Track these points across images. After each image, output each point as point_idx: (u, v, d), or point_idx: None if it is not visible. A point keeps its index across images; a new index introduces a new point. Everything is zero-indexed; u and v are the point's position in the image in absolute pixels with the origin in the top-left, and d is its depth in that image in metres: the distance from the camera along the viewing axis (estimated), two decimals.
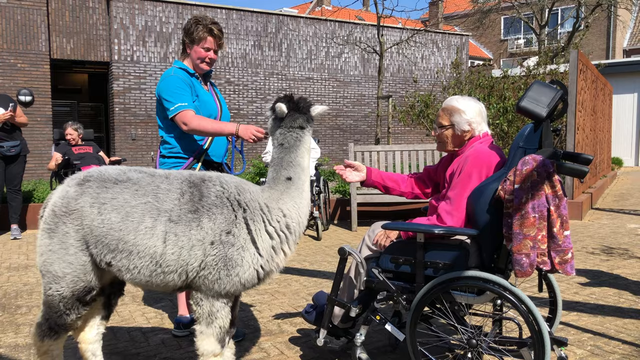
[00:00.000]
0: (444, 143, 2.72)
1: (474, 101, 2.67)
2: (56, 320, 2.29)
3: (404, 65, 16.71)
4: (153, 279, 2.19)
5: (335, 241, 6.35)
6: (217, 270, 2.15)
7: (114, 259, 2.18)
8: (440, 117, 2.71)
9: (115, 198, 2.18)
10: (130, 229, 2.14)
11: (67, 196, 2.22)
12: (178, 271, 2.16)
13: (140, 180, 2.24)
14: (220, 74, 13.97)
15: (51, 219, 2.23)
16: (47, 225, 2.23)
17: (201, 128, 2.91)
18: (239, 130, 2.87)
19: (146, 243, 2.13)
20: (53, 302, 2.27)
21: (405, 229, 2.54)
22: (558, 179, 2.26)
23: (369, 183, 2.95)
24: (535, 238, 2.22)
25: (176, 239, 2.13)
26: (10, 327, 3.49)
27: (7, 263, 5.31)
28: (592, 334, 3.24)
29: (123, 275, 2.22)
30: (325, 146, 15.12)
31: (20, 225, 6.72)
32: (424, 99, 10.15)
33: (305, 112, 2.32)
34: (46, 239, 2.23)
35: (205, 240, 2.14)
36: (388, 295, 2.54)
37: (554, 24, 25.04)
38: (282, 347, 3.10)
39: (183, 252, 2.13)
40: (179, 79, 3.00)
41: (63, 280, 2.23)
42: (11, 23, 11.33)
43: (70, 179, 2.34)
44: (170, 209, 2.16)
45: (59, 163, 6.63)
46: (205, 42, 3.05)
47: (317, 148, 6.91)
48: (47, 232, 2.23)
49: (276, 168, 2.32)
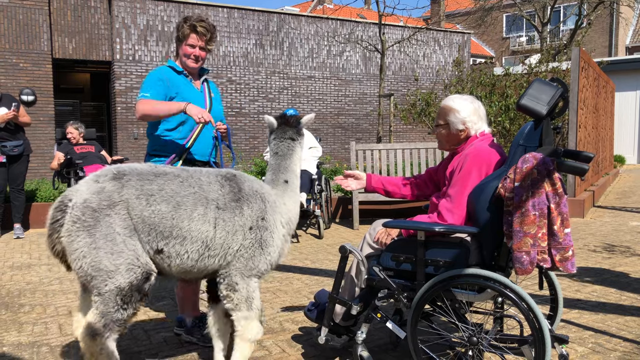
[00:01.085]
0: (441, 142, 2.76)
1: (469, 101, 2.68)
2: (112, 317, 2.28)
3: (405, 64, 16.69)
4: (198, 263, 2.37)
5: (337, 239, 6.36)
6: (253, 251, 2.43)
7: (166, 245, 2.30)
8: (438, 117, 2.74)
9: (162, 189, 2.33)
10: (184, 216, 2.31)
11: (105, 191, 2.26)
12: (220, 254, 2.38)
13: (180, 173, 2.42)
14: (222, 72, 13.98)
15: (89, 215, 2.21)
16: (84, 224, 2.21)
17: (150, 112, 2.93)
18: (187, 109, 2.90)
19: (199, 228, 2.32)
20: (110, 298, 2.25)
21: (406, 227, 2.54)
22: (558, 177, 2.26)
23: (369, 189, 3.02)
24: (536, 236, 2.23)
25: (224, 224, 2.37)
26: (13, 325, 3.51)
27: (10, 262, 5.34)
28: (594, 331, 3.24)
29: (171, 261, 2.34)
30: (327, 145, 15.12)
31: (23, 224, 6.74)
32: (426, 97, 10.15)
33: (295, 125, 2.66)
34: (86, 238, 2.21)
35: (245, 225, 2.41)
36: (389, 293, 2.55)
37: (556, 22, 24.98)
38: (284, 345, 3.11)
39: (228, 237, 2.37)
40: (154, 74, 3.04)
41: (117, 273, 2.23)
42: (13, 23, 11.36)
43: (96, 176, 2.34)
44: (217, 198, 2.39)
45: (61, 162, 6.65)
46: (189, 39, 3.06)
47: (319, 147, 6.91)
48: (86, 230, 2.21)
49: (275, 172, 2.64)
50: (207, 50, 3.15)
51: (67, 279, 4.68)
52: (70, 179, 6.65)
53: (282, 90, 14.84)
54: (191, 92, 3.12)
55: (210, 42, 3.13)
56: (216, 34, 3.17)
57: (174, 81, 3.07)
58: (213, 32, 3.12)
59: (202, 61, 3.16)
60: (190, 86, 3.15)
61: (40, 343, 3.20)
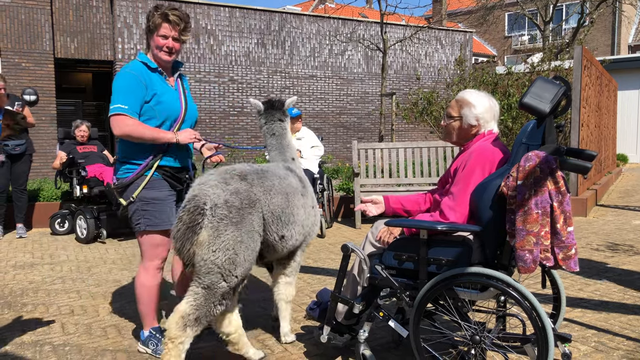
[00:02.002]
0: (450, 134, 2.70)
1: (487, 97, 2.64)
2: (207, 312, 2.44)
3: (407, 63, 16.67)
4: (295, 243, 2.86)
5: (339, 239, 6.35)
6: (312, 227, 2.99)
7: (287, 231, 2.74)
8: (450, 108, 2.69)
9: (274, 184, 2.70)
10: (293, 205, 2.77)
11: (241, 191, 2.51)
12: (302, 232, 2.89)
13: (267, 169, 2.79)
14: (224, 72, 13.98)
15: (235, 213, 2.45)
16: (232, 220, 2.43)
17: (133, 134, 2.73)
18: (179, 139, 2.81)
19: (299, 213, 2.82)
20: (216, 293, 2.44)
21: (408, 226, 2.54)
22: (561, 175, 2.25)
23: (389, 211, 2.93)
24: (538, 234, 2.22)
25: (305, 207, 2.89)
26: (16, 324, 3.51)
27: (13, 261, 5.35)
28: (597, 330, 3.23)
29: (288, 243, 2.78)
30: (329, 144, 15.11)
31: (25, 224, 6.75)
32: (427, 96, 10.14)
33: (280, 107, 3.08)
34: (234, 232, 2.43)
35: (309, 205, 2.94)
36: (391, 292, 2.54)
37: (558, 20, 24.92)
38: (286, 344, 3.11)
39: (308, 217, 2.91)
40: (132, 76, 2.77)
41: (241, 268, 2.48)
42: (15, 22, 11.37)
43: (222, 178, 2.52)
44: (297, 186, 2.87)
45: (64, 162, 6.65)
46: (160, 29, 2.80)
47: (321, 146, 6.91)
48: (234, 225, 2.43)
49: (280, 152, 3.09)
50: (182, 42, 2.90)
51: (70, 278, 4.69)
52: (72, 179, 6.66)
53: (283, 90, 14.84)
54: (167, 93, 2.88)
55: (185, 32, 2.87)
56: (190, 23, 2.91)
57: (151, 82, 2.83)
58: (187, 20, 2.87)
59: (176, 54, 2.90)
60: (164, 85, 2.90)
61: (43, 342, 3.20)
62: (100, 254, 5.71)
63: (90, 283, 4.52)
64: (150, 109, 2.81)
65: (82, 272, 4.91)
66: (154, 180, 2.86)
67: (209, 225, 2.39)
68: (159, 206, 2.86)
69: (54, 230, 6.73)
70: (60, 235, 6.72)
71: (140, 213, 2.85)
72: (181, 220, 2.42)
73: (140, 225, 2.86)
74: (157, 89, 2.83)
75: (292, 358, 2.91)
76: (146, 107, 2.81)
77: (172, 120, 2.90)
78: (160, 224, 2.86)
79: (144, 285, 2.91)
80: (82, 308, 3.84)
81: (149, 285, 2.91)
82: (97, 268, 5.05)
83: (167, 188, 2.91)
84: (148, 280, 2.91)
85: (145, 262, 2.92)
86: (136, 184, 2.85)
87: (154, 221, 2.86)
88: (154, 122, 2.84)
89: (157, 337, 2.98)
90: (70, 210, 6.74)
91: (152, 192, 2.85)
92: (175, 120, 2.91)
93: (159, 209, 2.86)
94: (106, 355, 2.99)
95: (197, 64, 13.67)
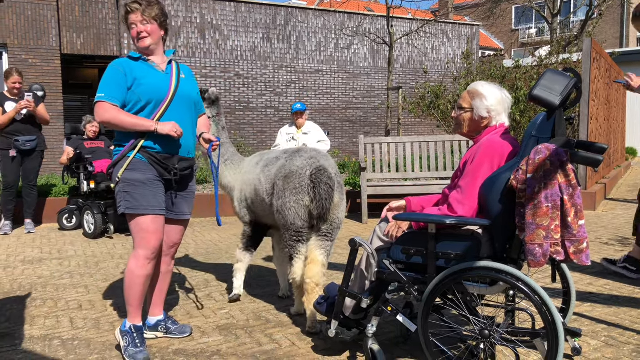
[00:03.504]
0: (461, 125, 2.67)
1: (498, 89, 2.61)
2: None
3: (414, 56, 16.59)
4: None
5: (345, 233, 6.34)
6: None
7: None
8: (462, 99, 2.66)
9: None
10: None
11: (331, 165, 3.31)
12: None
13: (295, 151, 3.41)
14: (230, 67, 13.97)
15: (341, 181, 3.31)
16: (342, 185, 3.30)
17: (112, 121, 2.78)
18: (158, 129, 2.79)
19: None
20: (333, 245, 3.39)
21: (416, 220, 2.52)
22: (572, 168, 2.23)
23: None
24: (549, 228, 2.20)
25: None
26: (25, 319, 3.53)
27: (22, 256, 5.38)
28: (607, 324, 3.21)
29: None
30: (335, 139, 15.09)
31: (34, 219, 6.79)
32: (435, 89, 10.08)
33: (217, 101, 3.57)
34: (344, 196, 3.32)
35: None
36: (399, 287, 2.53)
37: (566, 13, 24.70)
38: (294, 338, 3.11)
39: None
40: (113, 68, 2.85)
41: None
42: (22, 19, 11.40)
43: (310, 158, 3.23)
44: None
45: (71, 157, 6.68)
46: (128, 21, 2.88)
47: (327, 140, 6.88)
48: (342, 190, 3.31)
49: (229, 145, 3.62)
50: (152, 21, 2.88)
51: (78, 273, 4.71)
52: (79, 174, 6.68)
53: (289, 84, 14.81)
54: (152, 76, 2.90)
55: (148, 9, 2.85)
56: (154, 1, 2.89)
57: (131, 69, 2.86)
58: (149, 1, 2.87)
59: (152, 37, 2.89)
60: (151, 70, 2.92)
61: (52, 336, 3.22)
62: (108, 249, 5.73)
63: (98, 278, 4.53)
64: (132, 93, 2.85)
65: (90, 267, 4.93)
66: (136, 161, 2.84)
67: (338, 190, 3.19)
68: (141, 189, 2.81)
69: (62, 225, 6.76)
70: (68, 231, 6.75)
71: (122, 195, 2.83)
72: (323, 183, 3.08)
73: (121, 207, 2.84)
74: (136, 74, 2.86)
75: (300, 352, 2.91)
76: (129, 93, 2.85)
77: (157, 101, 2.88)
78: (140, 208, 2.81)
79: (132, 272, 2.85)
80: (90, 303, 3.86)
81: (138, 274, 2.84)
82: (105, 263, 5.07)
83: (152, 172, 2.86)
84: (137, 269, 2.84)
85: (136, 250, 2.87)
86: (120, 165, 2.86)
87: (134, 204, 2.81)
88: (139, 105, 2.87)
89: (133, 336, 2.86)
90: (78, 205, 6.76)
91: (134, 173, 2.82)
92: (161, 101, 2.88)
93: (140, 192, 2.81)
94: (114, 350, 2.99)
95: (203, 59, 13.66)
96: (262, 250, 5.45)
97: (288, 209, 3.15)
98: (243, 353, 2.91)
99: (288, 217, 3.17)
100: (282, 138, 6.80)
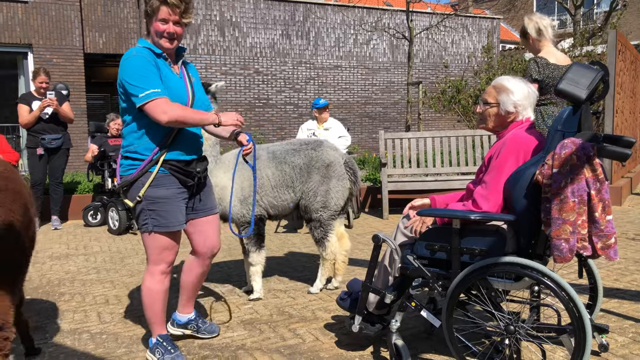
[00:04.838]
0: (486, 120, 2.63)
1: (524, 83, 2.58)
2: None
3: (433, 51, 16.46)
4: None
5: (366, 229, 6.34)
6: None
7: None
8: (487, 94, 2.63)
9: None
10: None
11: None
12: None
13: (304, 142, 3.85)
14: (249, 64, 14.03)
15: None
16: None
17: (183, 119, 2.51)
18: (222, 121, 2.62)
19: None
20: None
21: (441, 215, 2.51)
22: (599, 163, 2.19)
23: None
24: (575, 223, 2.17)
25: None
26: (54, 313, 3.62)
27: (49, 252, 5.50)
28: (634, 321, 3.16)
29: None
30: (355, 134, 15.06)
31: (60, 216, 6.93)
32: (456, 84, 9.99)
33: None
34: None
35: None
36: (423, 282, 2.53)
37: (589, 4, 24.19)
38: (317, 333, 3.13)
39: None
40: (144, 59, 2.55)
41: None
42: (46, 19, 11.61)
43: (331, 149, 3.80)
44: None
45: (95, 155, 6.79)
46: (159, 13, 2.55)
47: (348, 136, 6.89)
48: None
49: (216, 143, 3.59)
50: (184, 26, 2.63)
51: (104, 268, 4.80)
52: (104, 171, 6.80)
53: (308, 81, 14.83)
54: (172, 79, 2.65)
55: (186, 14, 2.60)
56: (192, 4, 2.65)
57: (158, 65, 2.60)
58: (188, 1, 2.59)
59: (179, 40, 2.65)
60: (169, 71, 2.67)
61: (81, 330, 3.29)
62: (132, 245, 5.82)
63: (123, 274, 4.61)
64: None
65: (116, 262, 5.02)
66: (160, 176, 2.61)
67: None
68: (167, 205, 2.62)
69: (87, 222, 6.89)
70: (93, 227, 6.88)
71: (147, 213, 2.62)
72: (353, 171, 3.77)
73: (148, 226, 2.64)
74: (162, 73, 2.61)
75: (324, 347, 2.92)
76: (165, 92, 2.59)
77: None
78: (169, 225, 2.64)
79: (150, 290, 2.72)
80: (117, 298, 3.93)
81: (156, 290, 2.72)
82: (130, 259, 5.16)
83: (175, 185, 2.65)
84: (154, 285, 2.72)
85: (150, 267, 2.73)
86: (141, 182, 2.60)
87: (162, 222, 2.63)
88: None
89: (163, 345, 2.76)
90: (102, 202, 6.88)
91: (159, 190, 2.61)
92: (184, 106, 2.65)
93: (167, 209, 2.62)
94: (141, 344, 3.05)
95: (223, 57, 13.75)
96: (283, 246, 5.49)
97: (335, 192, 3.71)
98: (267, 347, 2.94)
99: (332, 200, 3.70)
100: (303, 134, 6.82)
